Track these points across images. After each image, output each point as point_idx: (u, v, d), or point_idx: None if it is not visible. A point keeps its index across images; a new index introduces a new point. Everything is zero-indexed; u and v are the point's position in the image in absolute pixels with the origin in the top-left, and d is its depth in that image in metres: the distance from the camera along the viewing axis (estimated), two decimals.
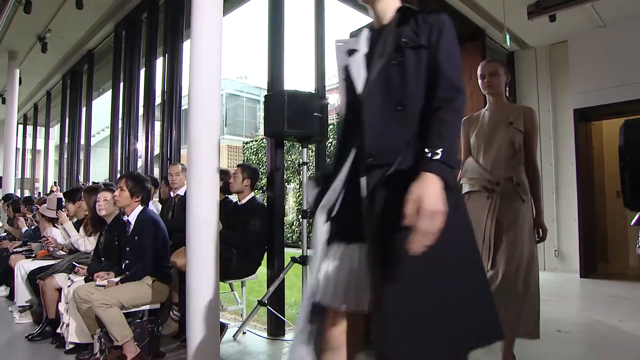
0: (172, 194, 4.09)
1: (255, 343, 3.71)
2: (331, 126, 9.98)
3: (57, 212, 4.21)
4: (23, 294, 4.48)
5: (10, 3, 5.82)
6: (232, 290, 4.20)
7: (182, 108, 5.43)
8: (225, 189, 3.88)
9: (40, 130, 12.12)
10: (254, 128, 20.19)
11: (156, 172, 5.90)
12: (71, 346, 3.35)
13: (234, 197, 4.01)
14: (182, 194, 3.98)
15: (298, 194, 10.92)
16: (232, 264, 3.55)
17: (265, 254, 3.86)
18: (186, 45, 5.37)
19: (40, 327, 3.86)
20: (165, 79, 5.40)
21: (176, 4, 5.31)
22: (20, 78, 8.73)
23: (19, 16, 6.21)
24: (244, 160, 12.89)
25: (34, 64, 8.53)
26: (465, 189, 2.69)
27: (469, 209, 2.07)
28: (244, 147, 13.60)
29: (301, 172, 3.70)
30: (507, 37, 5.62)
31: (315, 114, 3.51)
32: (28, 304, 4.47)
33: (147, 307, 3.29)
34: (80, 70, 8.45)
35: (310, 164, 4.21)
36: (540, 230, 2.62)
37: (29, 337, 3.78)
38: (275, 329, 3.75)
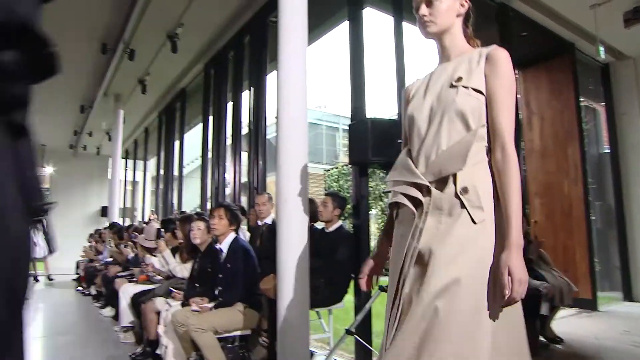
0: (259, 222, 4.23)
1: None
2: None
3: (156, 242, 4.52)
4: (127, 316, 4.83)
5: (118, 53, 6.49)
6: (319, 318, 4.21)
7: (267, 137, 5.67)
8: (312, 218, 3.95)
9: (139, 164, 13.23)
10: (334, 155, 20.46)
11: (243, 201, 6.16)
12: None
13: (318, 224, 4.07)
14: (270, 222, 4.11)
15: (380, 220, 10.82)
16: (319, 292, 3.57)
17: (352, 281, 3.84)
18: (269, 77, 5.65)
19: (142, 347, 4.11)
20: (250, 111, 5.68)
21: (260, 41, 5.61)
22: (124, 117, 9.64)
23: (124, 63, 6.90)
24: (325, 188, 13.06)
25: (135, 104, 9.40)
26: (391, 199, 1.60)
27: (395, 237, 1.55)
28: (325, 174, 13.81)
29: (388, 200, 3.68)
30: (601, 49, 5.26)
31: (398, 140, 3.48)
32: (131, 325, 4.80)
33: (238, 332, 3.40)
34: (174, 107, 9.16)
35: None
36: (509, 276, 1.25)
37: (132, 356, 4.04)
38: (363, 358, 3.69)
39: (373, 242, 11.42)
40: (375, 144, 3.46)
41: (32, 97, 0.75)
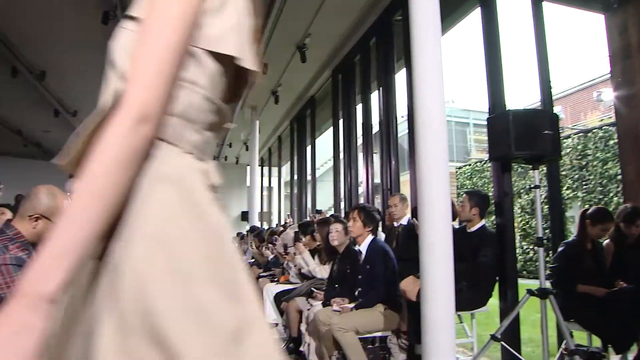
0: (395, 224, 4.18)
1: None
2: (566, 142, 8.95)
3: (295, 244, 4.71)
4: (270, 313, 5.12)
5: None
6: (460, 322, 4.01)
7: (399, 135, 5.61)
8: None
9: (273, 170, 14.04)
10: (466, 152, 19.58)
11: (377, 202, 6.15)
12: None
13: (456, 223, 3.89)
14: (405, 223, 4.04)
15: (520, 218, 10.03)
16: (462, 295, 3.40)
17: (497, 284, 3.60)
18: (398, 76, 5.59)
19: (285, 344, 4.32)
20: (380, 111, 5.67)
21: (386, 42, 5.59)
22: (259, 128, 10.31)
23: (258, 77, 7.37)
24: (457, 187, 12.53)
25: (268, 114, 10.01)
26: None
27: None
28: (457, 172, 13.26)
29: (534, 196, 3.37)
30: None
31: (545, 131, 3.18)
32: (274, 323, 5.08)
33: (379, 333, 3.39)
34: (304, 114, 9.55)
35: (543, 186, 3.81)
36: None
37: None
38: None
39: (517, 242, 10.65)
40: (518, 137, 3.19)
41: None
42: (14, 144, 11.87)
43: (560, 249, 3.39)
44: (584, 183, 9.06)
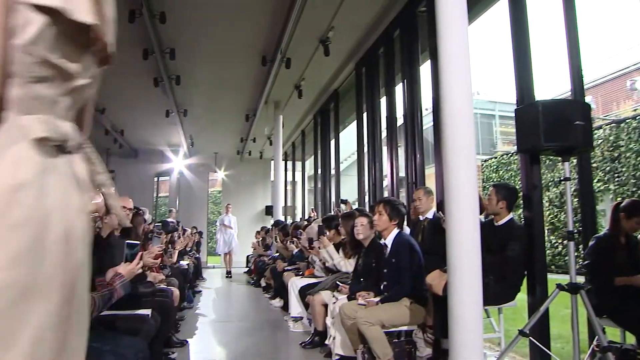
0: (421, 217, 4.15)
1: None
2: (597, 133, 8.69)
3: (319, 238, 4.73)
4: (295, 307, 5.16)
5: (276, 63, 7.00)
6: (487, 317, 3.96)
7: (424, 127, 5.55)
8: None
9: (296, 164, 14.10)
10: (492, 145, 19.28)
11: (401, 196, 6.11)
12: (337, 357, 3.67)
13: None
14: (431, 217, 4.00)
15: (548, 212, 9.82)
16: (489, 289, 3.35)
17: (525, 279, 3.54)
18: (422, 68, 5.53)
19: (311, 337, 4.35)
20: (405, 104, 5.62)
21: (410, 34, 5.52)
22: (282, 122, 10.35)
23: (281, 72, 7.41)
24: (483, 180, 12.35)
25: (292, 109, 10.03)
26: None
27: None
28: (482, 165, 13.06)
29: (564, 189, 3.29)
30: None
31: (576, 122, 3.09)
32: (299, 316, 5.12)
33: (404, 327, 3.38)
34: (328, 108, 9.53)
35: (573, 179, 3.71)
36: None
37: (302, 344, 4.30)
38: None
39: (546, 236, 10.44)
40: (548, 128, 3.11)
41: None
42: None
43: (591, 243, 3.31)
44: (616, 175, 8.81)
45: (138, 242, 2.47)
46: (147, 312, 2.95)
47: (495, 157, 13.03)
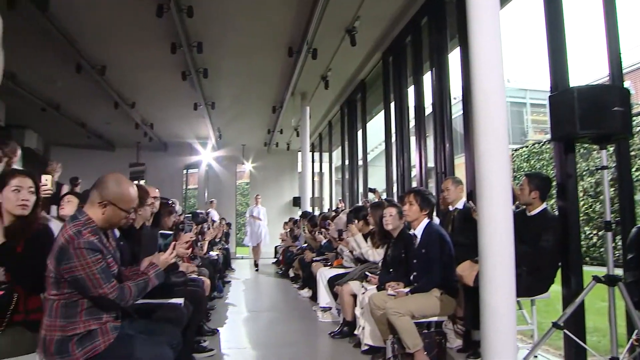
0: (450, 208, 4.09)
1: None
2: (636, 120, 8.32)
3: (347, 226, 4.72)
4: (324, 297, 5.19)
5: (302, 54, 6.99)
6: (520, 309, 3.89)
7: (453, 116, 5.46)
8: None
9: (324, 155, 14.10)
10: (522, 134, 18.81)
11: (430, 186, 6.04)
12: (366, 347, 3.68)
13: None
14: (461, 207, 3.94)
15: (582, 202, 9.51)
16: (521, 281, 3.29)
17: (559, 270, 3.45)
18: (451, 56, 5.41)
19: (340, 327, 4.36)
20: (433, 93, 5.53)
21: (439, 21, 5.41)
22: (309, 114, 10.34)
23: (308, 63, 7.39)
24: (514, 169, 12.08)
25: (319, 100, 10.02)
26: None
27: None
28: (513, 154, 12.77)
29: (601, 178, 3.18)
30: None
31: (615, 108, 2.97)
32: (328, 306, 5.14)
33: (434, 318, 3.35)
34: (355, 99, 9.48)
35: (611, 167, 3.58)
36: None
37: (331, 334, 4.32)
38: (575, 356, 3.28)
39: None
40: (584, 115, 3.00)
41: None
42: (79, 136, 12.63)
43: (632, 234, 3.18)
44: None
45: (171, 232, 2.52)
46: (180, 301, 3.01)
47: (527, 146, 12.72)
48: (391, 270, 3.79)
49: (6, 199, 2.23)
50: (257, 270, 10.35)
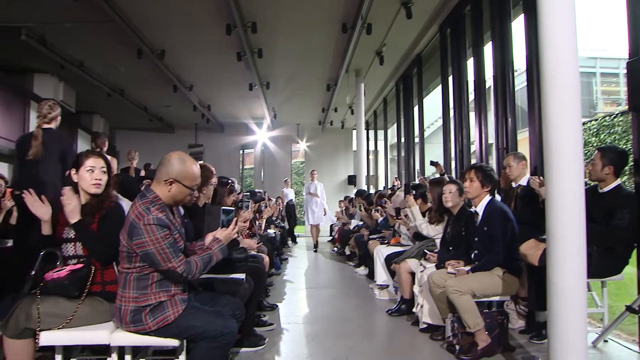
0: (514, 184, 3.92)
1: (622, 356, 3.20)
2: None
3: (405, 197, 4.63)
4: (381, 275, 5.19)
5: (357, 29, 6.87)
6: (589, 290, 3.70)
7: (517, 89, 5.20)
8: None
9: (378, 133, 13.93)
10: (591, 106, 17.62)
11: (491, 163, 5.82)
12: (424, 326, 3.66)
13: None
14: (525, 184, 3.78)
15: None
16: (592, 261, 3.11)
17: (635, 251, 3.24)
18: (515, 24, 5.13)
19: (397, 305, 4.36)
20: (495, 65, 5.27)
21: None
22: (364, 91, 10.21)
23: (362, 38, 7.27)
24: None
25: (373, 76, 9.86)
26: None
27: None
28: None
29: None
30: None
31: None
32: (385, 284, 5.14)
33: (496, 298, 3.26)
34: (410, 74, 9.24)
35: None
36: None
37: (389, 312, 4.32)
38: None
39: None
40: None
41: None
42: (141, 119, 13.23)
43: None
44: None
45: (233, 209, 2.59)
46: (242, 276, 3.12)
47: (596, 120, 11.94)
48: (451, 248, 3.71)
49: (82, 179, 2.37)
50: (315, 251, 10.28)
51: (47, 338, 2.10)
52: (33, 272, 2.28)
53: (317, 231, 10.75)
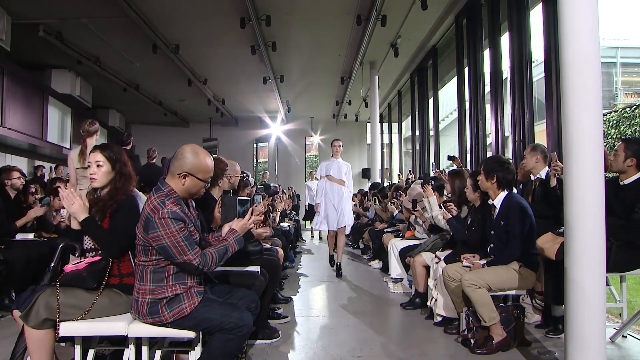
0: (532, 177, 3.86)
1: None
2: None
3: (423, 187, 4.59)
4: (395, 268, 5.17)
5: (371, 21, 6.81)
6: (608, 285, 3.64)
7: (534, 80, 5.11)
8: None
9: (393, 127, 13.85)
10: (611, 97, 17.28)
11: (508, 155, 5.75)
12: (439, 319, 3.64)
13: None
14: (543, 177, 3.71)
15: None
16: (611, 255, 3.06)
17: None
18: (533, 14, 5.04)
19: (411, 298, 4.34)
20: (512, 56, 5.19)
21: None
22: (378, 83, 10.15)
23: (377, 30, 7.21)
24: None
25: (388, 69, 9.80)
26: None
27: None
28: None
29: None
30: None
31: None
32: (400, 277, 5.12)
33: (512, 292, 3.23)
34: (425, 66, 9.16)
35: None
36: None
37: (403, 305, 4.31)
38: None
39: None
40: None
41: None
42: (156, 113, 13.36)
43: None
44: None
45: (248, 199, 2.60)
46: (257, 269, 3.13)
47: (616, 111, 11.68)
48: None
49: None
50: (339, 275, 9.78)
51: (66, 328, 2.14)
52: (52, 264, 2.31)
53: (342, 239, 6.47)
